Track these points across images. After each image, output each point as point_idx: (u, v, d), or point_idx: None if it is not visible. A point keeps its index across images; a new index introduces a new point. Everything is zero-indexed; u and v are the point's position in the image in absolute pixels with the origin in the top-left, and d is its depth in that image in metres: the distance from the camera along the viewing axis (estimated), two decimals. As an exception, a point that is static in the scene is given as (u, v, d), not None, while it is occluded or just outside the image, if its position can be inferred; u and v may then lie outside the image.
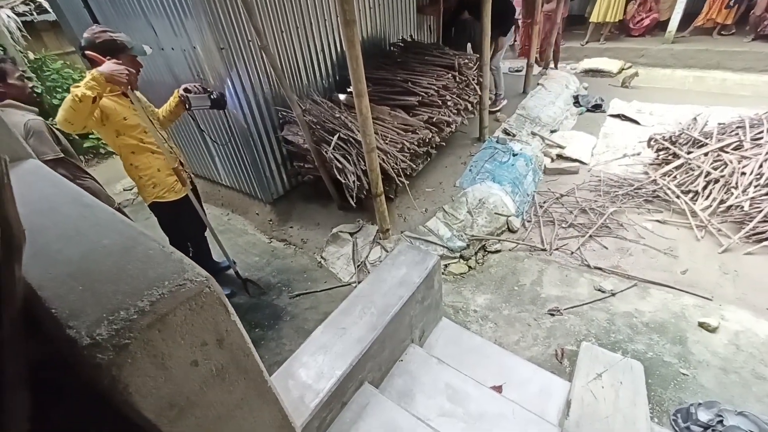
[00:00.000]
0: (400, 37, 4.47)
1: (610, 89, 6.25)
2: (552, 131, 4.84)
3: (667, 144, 3.78)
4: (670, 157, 3.72)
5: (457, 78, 3.67)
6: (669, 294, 2.54)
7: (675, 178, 3.50)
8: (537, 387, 1.90)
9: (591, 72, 6.95)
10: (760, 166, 3.09)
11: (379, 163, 2.71)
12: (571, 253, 2.98)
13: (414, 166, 3.26)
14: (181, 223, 2.48)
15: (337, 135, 2.95)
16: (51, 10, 4.72)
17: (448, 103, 3.53)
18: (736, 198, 3.00)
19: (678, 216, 3.21)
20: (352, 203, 2.98)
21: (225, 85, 2.93)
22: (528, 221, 3.41)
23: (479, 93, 3.91)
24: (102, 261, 0.59)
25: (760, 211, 2.84)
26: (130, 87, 1.95)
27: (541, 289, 2.70)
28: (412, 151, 3.10)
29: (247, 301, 2.85)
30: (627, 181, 3.73)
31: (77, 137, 5.46)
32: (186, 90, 2.34)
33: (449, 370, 1.87)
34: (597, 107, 5.48)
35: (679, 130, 3.86)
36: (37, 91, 5.42)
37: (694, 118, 4.03)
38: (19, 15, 5.73)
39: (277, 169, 3.54)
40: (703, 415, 1.71)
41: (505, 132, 4.50)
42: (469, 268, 2.97)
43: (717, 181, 3.23)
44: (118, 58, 1.91)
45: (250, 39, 2.91)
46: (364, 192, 2.92)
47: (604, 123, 5.10)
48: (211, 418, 0.62)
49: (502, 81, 4.93)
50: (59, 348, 0.50)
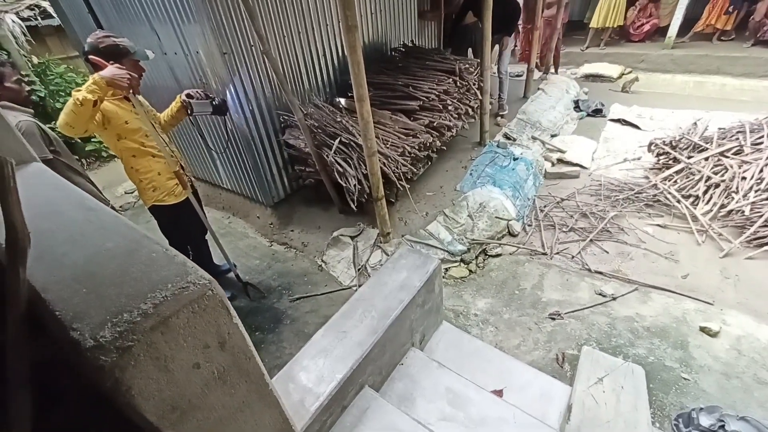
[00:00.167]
0: (402, 42, 4.50)
1: (611, 94, 6.28)
2: (552, 136, 4.85)
3: (667, 148, 3.78)
4: (670, 162, 3.73)
5: (457, 83, 3.69)
6: (670, 298, 2.53)
7: (675, 182, 3.50)
8: (538, 391, 1.89)
9: (591, 77, 6.99)
10: (761, 171, 3.09)
11: (380, 167, 2.72)
12: (572, 257, 2.97)
13: (415, 170, 3.27)
14: (181, 227, 2.48)
15: (338, 139, 2.97)
16: (55, 15, 4.77)
17: (449, 107, 3.55)
18: (736, 202, 3.00)
19: (679, 220, 3.20)
20: (353, 207, 2.99)
21: (227, 89, 2.95)
22: (529, 225, 3.41)
23: (480, 97, 3.93)
24: (106, 264, 0.59)
25: (761, 216, 2.83)
26: (132, 91, 1.97)
27: (541, 293, 2.70)
28: (412, 155, 3.12)
29: (247, 304, 2.85)
30: (627, 186, 3.73)
31: (79, 140, 5.49)
32: (188, 95, 2.35)
33: (450, 374, 1.86)
34: (597, 112, 5.49)
35: (679, 134, 3.87)
36: (40, 95, 5.46)
37: (695, 123, 4.03)
38: (23, 20, 5.79)
39: (279, 173, 3.55)
40: (705, 420, 1.70)
41: (506, 136, 4.51)
42: (470, 271, 2.96)
43: (717, 185, 3.23)
44: (121, 62, 1.93)
45: (252, 44, 2.94)
46: (365, 196, 2.93)
47: (604, 127, 5.11)
48: (212, 420, 0.62)
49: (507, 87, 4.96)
50: (63, 350, 0.50)
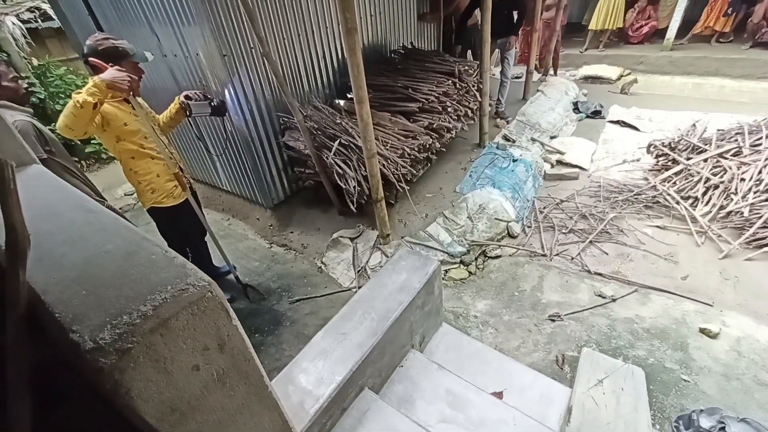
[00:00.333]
0: (401, 45, 4.51)
1: (610, 96, 6.29)
2: (552, 137, 4.86)
3: (666, 150, 3.79)
4: (669, 163, 3.73)
5: (457, 84, 3.70)
6: (670, 300, 2.53)
7: (675, 183, 3.51)
8: (538, 393, 1.89)
9: (590, 79, 7.00)
10: (760, 172, 3.10)
11: (380, 169, 2.72)
12: (572, 258, 2.98)
13: (414, 172, 3.28)
14: (180, 228, 2.48)
15: (338, 141, 2.97)
16: (55, 17, 4.78)
17: (449, 109, 3.56)
18: (735, 204, 3.01)
19: (678, 222, 3.21)
20: (353, 208, 2.99)
21: (227, 91, 2.96)
22: (528, 227, 3.41)
23: (479, 99, 3.94)
24: (105, 266, 0.59)
25: (760, 217, 2.84)
26: (132, 93, 1.97)
27: (541, 294, 2.70)
28: (412, 156, 3.12)
29: (247, 306, 2.85)
30: (627, 187, 3.74)
31: (79, 142, 5.49)
32: (187, 97, 2.36)
33: (450, 376, 1.86)
34: (596, 113, 5.50)
35: (678, 136, 3.88)
36: (40, 97, 5.47)
37: (693, 125, 4.04)
38: (24, 22, 5.80)
39: (278, 175, 3.55)
40: (705, 422, 1.69)
41: (505, 138, 4.52)
42: (470, 273, 2.96)
43: (716, 187, 3.24)
44: (121, 64, 1.93)
45: (252, 46, 2.94)
46: (365, 197, 2.93)
47: (603, 129, 5.12)
48: (211, 422, 0.62)
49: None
50: (62, 352, 0.50)
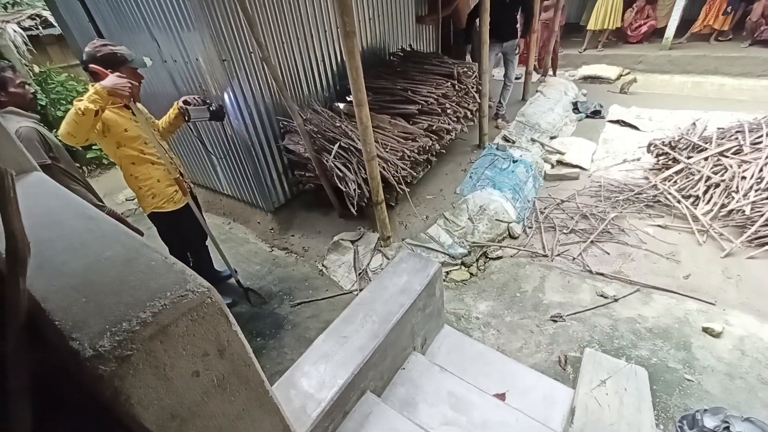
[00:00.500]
0: (400, 47, 4.52)
1: (609, 95, 6.29)
2: (551, 137, 4.86)
3: (666, 149, 3.78)
4: (670, 162, 3.73)
5: (456, 86, 3.70)
6: (672, 299, 2.52)
7: (675, 182, 3.50)
8: (540, 394, 1.88)
9: (589, 78, 7.01)
10: (761, 170, 3.09)
11: (380, 171, 2.73)
12: (573, 258, 2.97)
13: (414, 174, 3.28)
14: (181, 233, 2.49)
15: (337, 144, 2.98)
16: (56, 25, 4.80)
17: (448, 111, 3.56)
18: (737, 202, 3.00)
19: (679, 221, 3.20)
20: (353, 211, 2.99)
21: (227, 96, 2.97)
22: (529, 227, 3.41)
23: (478, 101, 3.95)
24: (105, 273, 0.60)
25: (762, 215, 2.83)
26: (133, 99, 1.98)
27: (543, 295, 2.69)
28: (412, 158, 3.12)
29: (248, 310, 2.85)
30: (627, 187, 3.73)
31: (80, 148, 5.50)
32: (185, 102, 2.37)
33: (452, 378, 1.86)
34: (596, 113, 5.50)
35: (678, 135, 3.87)
36: (41, 103, 5.49)
37: (693, 123, 4.04)
38: (25, 29, 5.84)
39: (279, 178, 3.56)
40: (710, 422, 1.68)
41: (505, 139, 4.52)
42: (471, 274, 2.96)
43: (717, 185, 3.23)
44: (120, 70, 1.94)
45: (251, 51, 2.96)
46: (365, 200, 2.94)
47: (603, 129, 5.12)
48: (212, 428, 0.62)
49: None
50: (62, 359, 0.50)
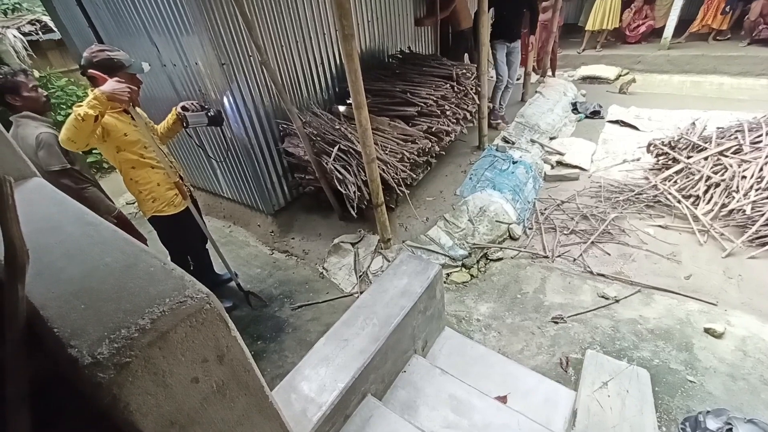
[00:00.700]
0: (399, 49, 4.53)
1: (608, 96, 6.30)
2: (551, 138, 4.86)
3: (666, 149, 3.78)
4: (669, 162, 3.73)
5: (455, 88, 3.71)
6: (673, 300, 2.52)
7: (675, 182, 3.50)
8: (542, 396, 1.88)
9: (588, 79, 7.02)
10: (761, 170, 3.08)
11: (380, 174, 2.73)
12: (574, 259, 2.96)
13: (414, 176, 3.28)
14: (181, 237, 2.49)
15: (337, 146, 2.98)
16: (56, 30, 4.82)
17: (447, 112, 3.56)
18: (737, 202, 3.00)
19: (680, 221, 3.20)
20: (353, 214, 2.99)
21: (226, 100, 2.97)
22: (529, 228, 3.40)
23: (478, 102, 3.95)
24: (104, 279, 0.59)
25: (763, 215, 2.82)
26: (132, 104, 1.98)
27: (544, 296, 2.69)
28: (412, 160, 3.12)
29: (249, 313, 2.84)
30: (627, 187, 3.73)
31: (81, 152, 5.51)
32: (183, 108, 2.36)
33: (453, 380, 1.85)
34: (595, 114, 5.51)
35: (678, 134, 3.87)
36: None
37: (693, 123, 4.04)
38: (25, 35, 5.87)
39: (278, 181, 3.56)
40: (712, 423, 1.68)
41: (505, 140, 4.52)
42: (471, 276, 2.96)
43: (718, 185, 3.23)
44: (118, 75, 1.94)
45: (250, 54, 2.96)
46: (365, 202, 2.93)
47: (602, 129, 5.12)
48: (212, 434, 0.62)
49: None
50: (61, 367, 0.50)
